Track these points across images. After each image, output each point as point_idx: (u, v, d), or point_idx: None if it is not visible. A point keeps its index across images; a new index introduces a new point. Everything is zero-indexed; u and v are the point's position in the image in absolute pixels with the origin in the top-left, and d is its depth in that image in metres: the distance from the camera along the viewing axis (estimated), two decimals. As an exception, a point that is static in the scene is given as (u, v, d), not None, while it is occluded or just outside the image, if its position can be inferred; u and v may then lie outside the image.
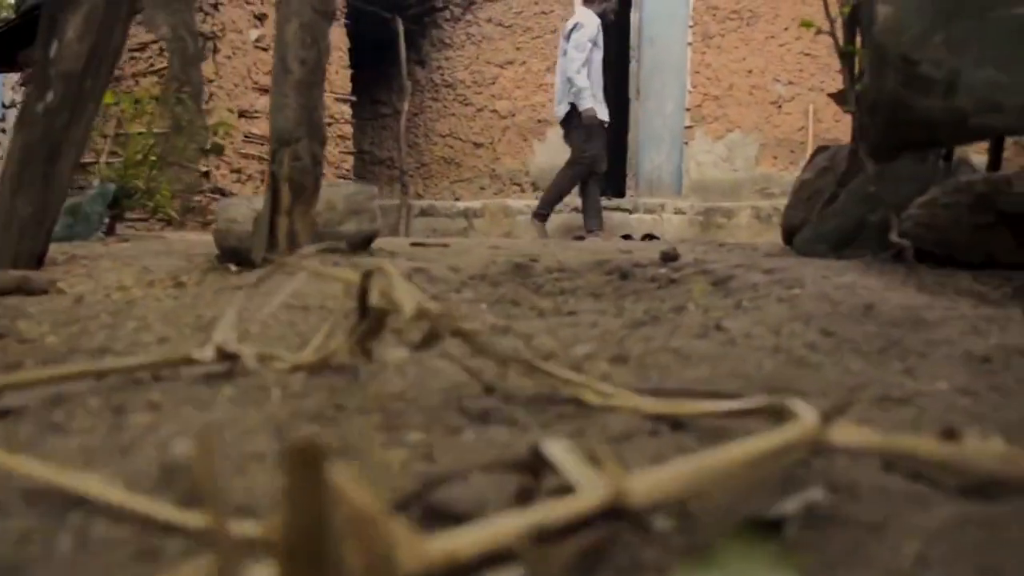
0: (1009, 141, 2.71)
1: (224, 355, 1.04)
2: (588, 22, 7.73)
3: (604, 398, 0.84)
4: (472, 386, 0.94)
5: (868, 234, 2.30)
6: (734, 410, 0.73)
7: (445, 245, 3.14)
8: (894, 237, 2.09)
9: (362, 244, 2.64)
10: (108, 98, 6.05)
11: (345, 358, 1.04)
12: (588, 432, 0.81)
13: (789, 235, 2.80)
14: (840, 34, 2.65)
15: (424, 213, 11.17)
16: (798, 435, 0.56)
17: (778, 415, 0.66)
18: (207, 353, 1.05)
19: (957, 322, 1.44)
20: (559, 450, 0.52)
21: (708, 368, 1.06)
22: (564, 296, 2.30)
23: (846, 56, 2.50)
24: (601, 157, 7.80)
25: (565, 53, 7.74)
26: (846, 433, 0.58)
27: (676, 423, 0.80)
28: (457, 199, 11.12)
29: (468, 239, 5.70)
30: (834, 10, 2.66)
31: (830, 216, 2.48)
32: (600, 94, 7.78)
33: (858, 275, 1.89)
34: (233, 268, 2.53)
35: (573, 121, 7.66)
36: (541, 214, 8.10)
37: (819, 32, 2.52)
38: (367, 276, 0.95)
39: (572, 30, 7.74)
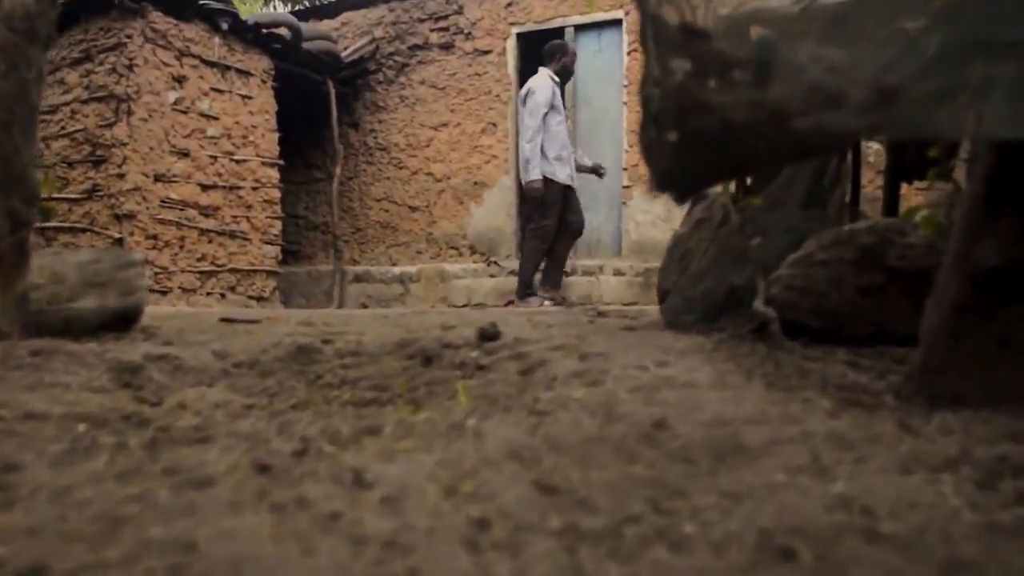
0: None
1: None
2: (540, 87, 7.27)
3: None
4: None
5: (738, 301, 1.78)
6: None
7: (256, 322, 2.59)
8: (758, 306, 1.56)
9: (113, 323, 2.07)
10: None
11: None
12: None
13: (663, 302, 2.28)
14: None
15: (359, 279, 10.64)
16: None
17: None
18: None
19: (791, 449, 0.90)
20: None
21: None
22: (343, 388, 1.76)
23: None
24: (574, 220, 7.47)
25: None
26: None
27: None
28: (394, 264, 10.61)
29: (295, 312, 5.14)
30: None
31: (697, 279, 1.96)
32: (565, 154, 7.36)
33: (696, 362, 1.35)
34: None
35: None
36: (525, 294, 7.51)
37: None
38: None
39: (526, 96, 7.28)
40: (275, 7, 17.57)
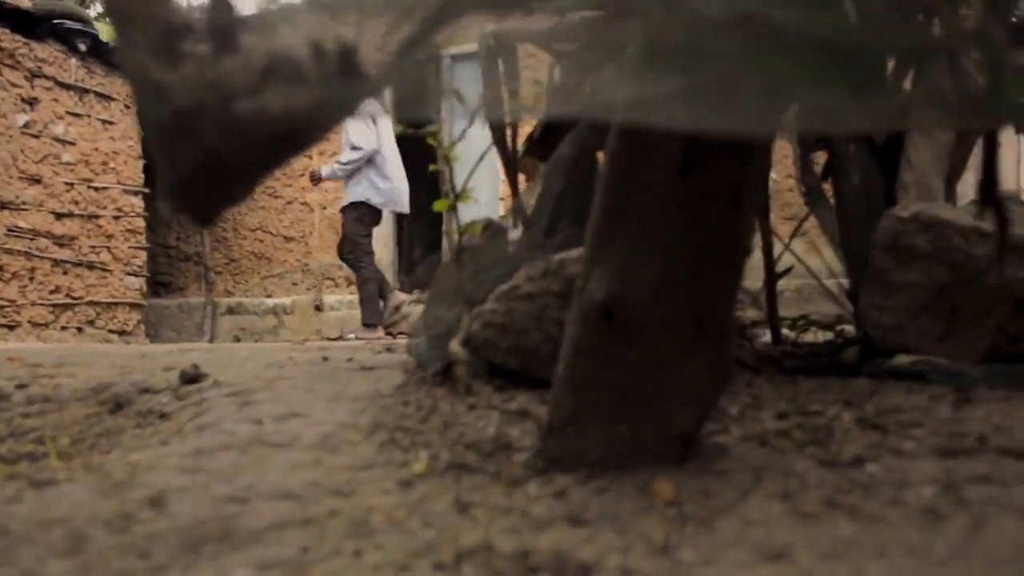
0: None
1: None
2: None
3: None
4: None
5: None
6: None
7: (10, 360, 2.31)
8: (452, 346, 1.40)
9: None
10: None
11: None
12: None
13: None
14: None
15: (232, 311, 10.19)
16: None
17: None
18: None
19: (292, 535, 0.72)
20: None
21: None
22: (5, 442, 1.51)
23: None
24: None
25: None
26: None
27: None
28: (268, 296, 10.21)
29: (47, 349, 4.83)
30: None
31: (436, 315, 1.79)
32: None
33: (342, 414, 1.17)
34: None
35: None
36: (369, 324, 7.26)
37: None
38: None
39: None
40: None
